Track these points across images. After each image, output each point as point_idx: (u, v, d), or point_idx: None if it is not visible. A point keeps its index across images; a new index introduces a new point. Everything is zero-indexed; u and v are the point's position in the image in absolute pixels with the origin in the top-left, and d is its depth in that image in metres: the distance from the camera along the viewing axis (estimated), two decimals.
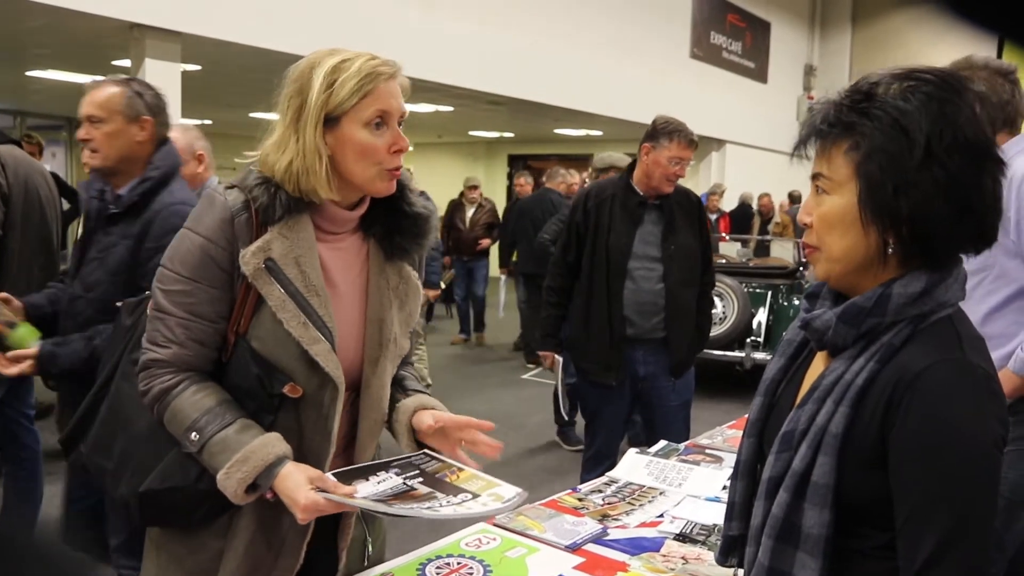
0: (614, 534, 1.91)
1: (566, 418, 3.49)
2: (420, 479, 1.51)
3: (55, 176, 3.30)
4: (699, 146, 3.51)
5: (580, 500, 2.13)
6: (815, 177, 1.16)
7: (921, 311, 1.11)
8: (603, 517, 2.01)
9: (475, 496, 1.45)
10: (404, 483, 1.49)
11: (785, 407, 1.24)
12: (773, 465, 1.17)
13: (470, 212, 8.93)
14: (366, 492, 1.45)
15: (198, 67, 7.15)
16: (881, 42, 13.76)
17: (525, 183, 9.02)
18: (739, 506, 1.30)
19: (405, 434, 1.63)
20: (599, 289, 3.36)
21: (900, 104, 1.07)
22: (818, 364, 1.24)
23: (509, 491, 1.48)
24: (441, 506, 1.41)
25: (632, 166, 3.42)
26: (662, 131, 3.29)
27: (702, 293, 3.51)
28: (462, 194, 9.23)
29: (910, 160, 1.06)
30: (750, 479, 1.29)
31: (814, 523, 1.11)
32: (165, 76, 5.56)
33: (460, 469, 1.55)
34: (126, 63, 5.78)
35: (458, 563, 1.74)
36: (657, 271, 3.33)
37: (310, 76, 1.43)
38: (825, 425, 1.11)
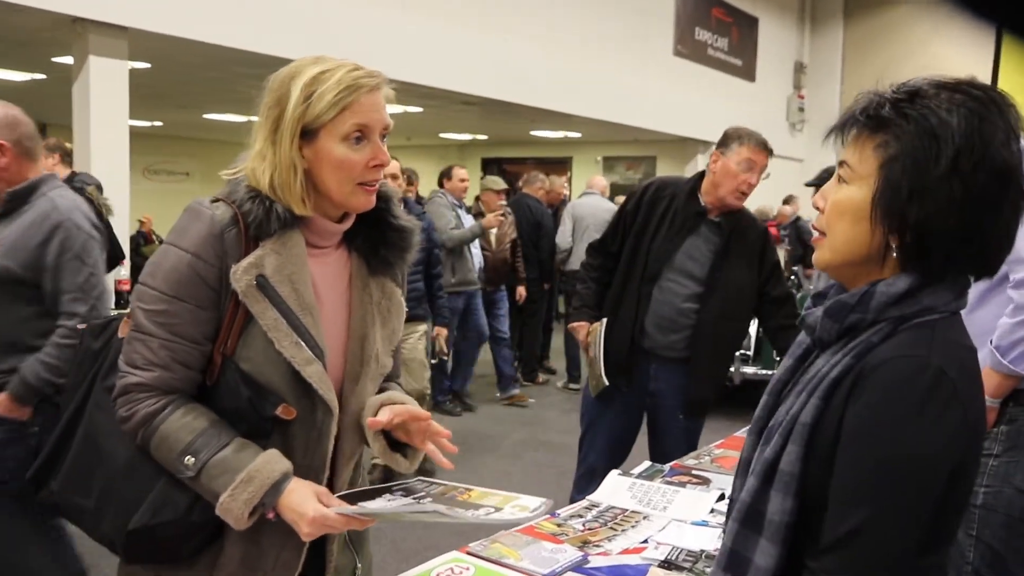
0: (595, 562, 1.91)
1: (606, 382, 3.42)
2: (429, 500, 1.50)
3: None
4: (683, 148, 3.50)
5: (559, 525, 2.13)
6: (841, 164, 1.23)
7: (903, 313, 1.16)
8: (583, 544, 2.01)
9: (498, 509, 1.45)
10: (416, 501, 1.49)
11: None
12: (757, 459, 1.24)
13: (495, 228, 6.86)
14: (376, 509, 1.45)
15: (147, 65, 7.11)
16: (875, 39, 13.88)
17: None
18: None
19: (371, 434, 1.58)
20: (630, 290, 3.34)
21: (941, 114, 1.13)
22: None
23: (533, 501, 1.48)
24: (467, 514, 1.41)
25: (703, 174, 3.39)
26: (732, 136, 3.29)
27: (787, 328, 3.32)
28: (478, 199, 7.06)
29: (934, 169, 1.12)
30: None
31: (777, 509, 1.17)
32: (111, 74, 5.50)
33: (468, 489, 1.55)
34: (68, 60, 5.72)
35: None
36: (689, 288, 3.29)
37: (289, 87, 1.44)
38: (797, 415, 1.18)
